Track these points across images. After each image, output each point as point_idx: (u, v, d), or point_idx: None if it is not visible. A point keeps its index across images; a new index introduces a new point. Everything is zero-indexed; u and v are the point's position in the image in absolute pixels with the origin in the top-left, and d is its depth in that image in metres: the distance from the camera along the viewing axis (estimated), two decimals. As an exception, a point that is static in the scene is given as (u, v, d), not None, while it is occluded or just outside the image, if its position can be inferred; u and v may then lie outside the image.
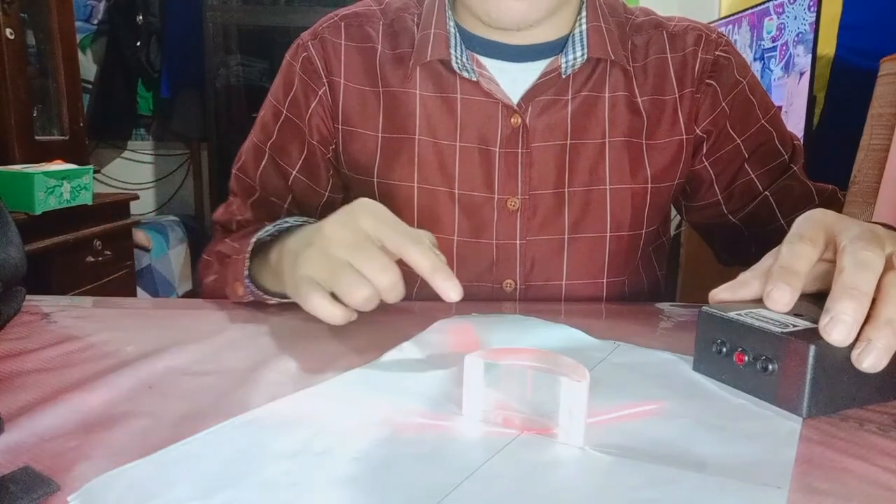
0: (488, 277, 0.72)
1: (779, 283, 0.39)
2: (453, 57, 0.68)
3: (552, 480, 0.31)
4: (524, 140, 0.69)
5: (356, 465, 0.32)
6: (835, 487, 0.31)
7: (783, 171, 0.72)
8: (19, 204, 1.63)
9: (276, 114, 0.74)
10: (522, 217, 0.70)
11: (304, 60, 0.73)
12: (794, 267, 0.40)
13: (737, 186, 0.73)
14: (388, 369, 0.44)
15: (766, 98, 0.74)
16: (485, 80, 0.68)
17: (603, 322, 0.59)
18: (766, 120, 0.72)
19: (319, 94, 0.72)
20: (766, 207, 0.72)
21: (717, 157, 0.72)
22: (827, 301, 0.37)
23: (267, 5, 2.72)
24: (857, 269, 0.37)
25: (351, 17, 0.74)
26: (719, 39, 0.72)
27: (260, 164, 0.75)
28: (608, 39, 0.69)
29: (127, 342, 0.50)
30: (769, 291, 0.39)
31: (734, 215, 0.74)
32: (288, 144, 0.74)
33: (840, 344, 0.36)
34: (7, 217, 0.59)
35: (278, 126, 0.74)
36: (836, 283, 0.38)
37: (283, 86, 0.74)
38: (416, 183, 0.70)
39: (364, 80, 0.72)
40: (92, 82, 2.79)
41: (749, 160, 0.72)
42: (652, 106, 0.70)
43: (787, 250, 0.41)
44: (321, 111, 0.72)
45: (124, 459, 0.32)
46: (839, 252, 0.40)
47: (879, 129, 1.42)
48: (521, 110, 0.68)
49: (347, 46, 0.72)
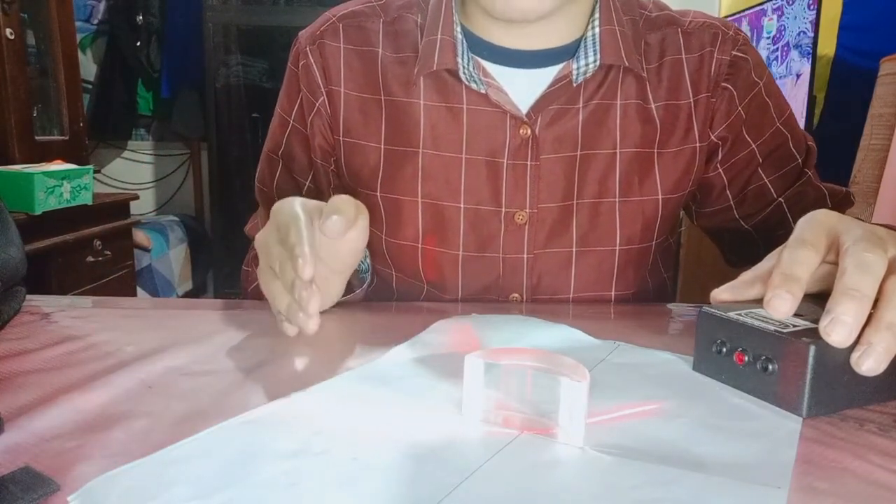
0: (494, 291, 0.70)
1: (779, 291, 0.38)
2: (460, 66, 0.65)
3: (552, 480, 0.31)
4: (533, 152, 0.66)
5: (356, 465, 0.32)
6: (835, 487, 0.31)
7: (797, 175, 0.71)
8: (19, 204, 1.63)
9: (283, 123, 0.73)
10: (530, 231, 0.67)
11: (303, 68, 0.70)
12: (795, 273, 0.39)
13: (749, 191, 0.71)
14: (388, 369, 0.44)
15: (782, 99, 0.72)
16: (493, 91, 0.65)
17: (605, 321, 0.59)
18: (781, 123, 0.70)
19: (317, 107, 0.69)
20: (779, 213, 0.71)
21: (731, 163, 0.70)
22: (828, 302, 0.37)
23: (267, 5, 2.72)
24: (859, 271, 0.37)
25: (349, 18, 0.70)
26: (736, 37, 0.69)
27: (275, 174, 0.74)
28: (622, 44, 0.65)
29: (127, 342, 0.50)
30: (769, 299, 0.38)
31: (746, 221, 0.73)
32: (297, 153, 0.72)
33: (840, 345, 0.36)
34: (7, 217, 0.59)
35: (286, 136, 0.73)
36: (837, 284, 0.37)
37: (287, 95, 0.72)
38: (421, 197, 0.68)
39: (365, 87, 0.69)
40: (92, 82, 2.79)
41: (763, 165, 0.70)
42: (666, 112, 0.67)
43: (789, 255, 0.40)
44: (320, 124, 0.70)
45: (124, 459, 0.32)
46: (841, 254, 0.39)
47: (879, 129, 1.42)
48: (530, 121, 0.65)
49: (347, 50, 0.69)
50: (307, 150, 0.72)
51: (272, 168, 0.74)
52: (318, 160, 0.72)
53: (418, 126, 0.67)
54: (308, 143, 0.71)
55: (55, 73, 2.04)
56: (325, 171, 0.72)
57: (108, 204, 2.05)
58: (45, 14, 1.99)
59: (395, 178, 0.68)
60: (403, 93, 0.68)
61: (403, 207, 0.69)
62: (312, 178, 0.73)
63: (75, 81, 2.12)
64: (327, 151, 0.72)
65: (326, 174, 0.72)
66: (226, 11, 2.69)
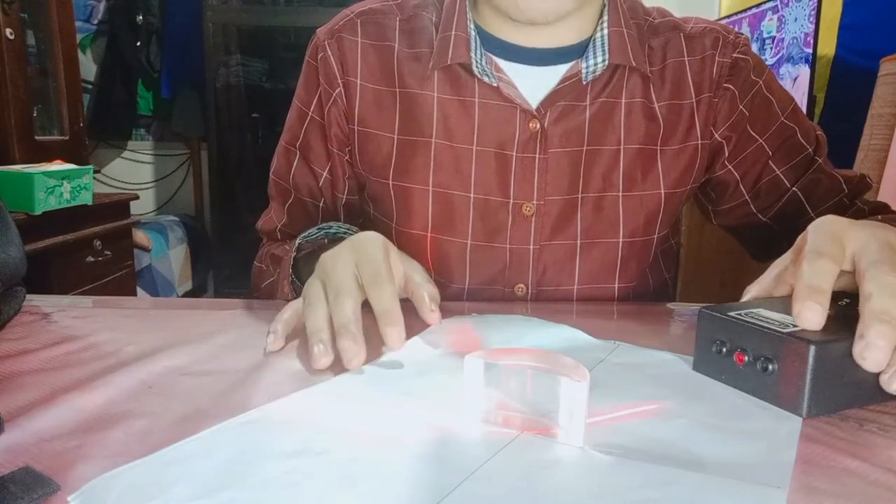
0: (500, 281, 0.71)
1: (809, 303, 0.39)
2: (473, 61, 0.67)
3: (552, 480, 0.31)
4: (542, 145, 0.68)
5: (356, 465, 0.32)
6: (835, 487, 0.31)
7: (808, 164, 0.72)
8: (19, 204, 1.63)
9: (301, 115, 0.74)
10: (537, 222, 0.69)
11: (321, 61, 0.72)
12: (819, 285, 0.39)
13: (763, 185, 0.72)
14: (388, 369, 0.44)
15: (785, 94, 0.73)
16: (504, 85, 0.67)
17: (606, 321, 0.59)
18: (786, 116, 0.72)
19: (334, 96, 0.71)
20: (795, 203, 0.72)
21: (740, 159, 0.72)
22: (858, 327, 0.37)
23: (267, 5, 2.72)
24: (885, 295, 0.38)
25: (367, 14, 0.72)
26: (737, 40, 0.71)
27: (292, 166, 0.76)
28: (629, 45, 0.68)
29: (127, 342, 0.50)
30: (799, 311, 0.39)
31: (763, 214, 0.74)
32: (315, 145, 0.74)
33: (874, 369, 0.37)
34: (7, 217, 0.59)
35: (304, 127, 0.74)
36: (864, 308, 0.38)
37: (305, 87, 0.74)
38: (432, 186, 0.70)
39: (381, 79, 0.71)
40: (92, 82, 2.79)
41: (773, 157, 0.72)
42: (669, 111, 0.70)
43: (809, 268, 0.40)
44: (337, 113, 0.72)
45: (124, 459, 0.32)
46: (861, 276, 0.40)
47: (879, 129, 1.42)
48: (539, 115, 0.67)
49: (364, 44, 0.71)
50: (325, 141, 0.74)
51: (289, 160, 0.76)
52: (335, 150, 0.73)
53: (431, 117, 0.69)
54: (325, 134, 0.73)
55: (55, 73, 2.03)
56: (341, 162, 0.74)
57: (108, 204, 2.05)
58: (45, 14, 1.99)
59: (408, 167, 0.70)
60: (417, 85, 0.70)
61: (414, 196, 0.71)
62: (330, 168, 0.74)
63: (75, 81, 2.12)
64: (343, 141, 0.73)
65: (342, 164, 0.74)
66: (226, 11, 2.69)
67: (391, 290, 0.47)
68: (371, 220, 0.78)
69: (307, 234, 0.65)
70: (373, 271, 0.47)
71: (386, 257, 0.49)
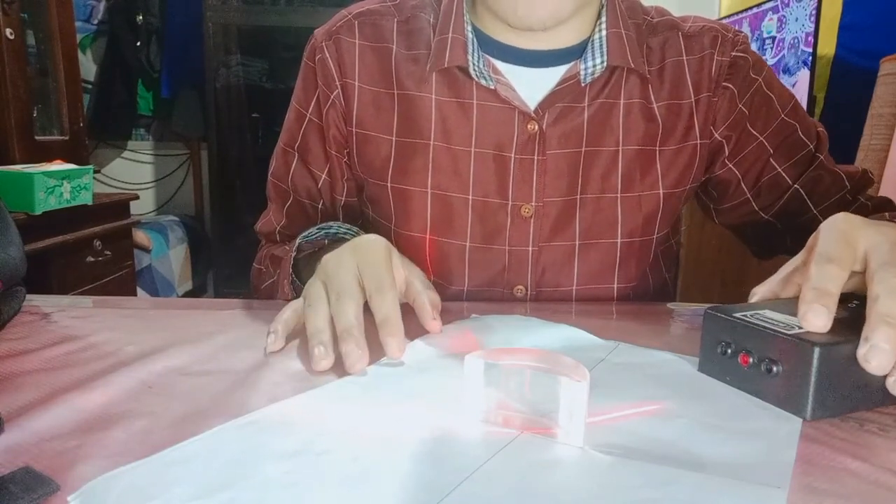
0: (499, 283, 0.71)
1: (814, 306, 0.38)
2: (471, 63, 0.67)
3: (552, 480, 0.31)
4: (540, 147, 0.68)
5: (356, 465, 0.32)
6: (835, 487, 0.31)
7: (810, 161, 0.72)
8: (19, 204, 1.63)
9: (300, 117, 0.74)
10: (535, 224, 0.69)
11: (319, 62, 0.71)
12: (826, 288, 0.39)
13: (764, 182, 0.72)
14: (388, 370, 0.44)
15: (785, 91, 0.73)
16: (502, 87, 0.67)
17: (606, 321, 0.59)
18: (786, 113, 0.72)
19: (332, 98, 0.71)
20: (797, 200, 0.71)
21: (740, 157, 0.72)
22: (864, 329, 0.37)
23: (267, 5, 2.72)
24: (892, 298, 0.37)
25: (365, 15, 0.72)
26: (735, 38, 0.71)
27: (290, 168, 0.75)
28: (628, 46, 0.67)
29: (127, 342, 0.50)
30: (804, 313, 0.39)
31: (765, 212, 0.74)
32: (314, 146, 0.74)
33: (878, 372, 0.37)
34: (7, 217, 0.59)
35: (302, 129, 0.74)
36: (871, 310, 0.38)
37: (303, 89, 0.74)
38: (430, 188, 0.70)
39: (379, 81, 0.70)
40: (92, 82, 2.79)
41: (774, 155, 0.71)
42: (668, 111, 0.69)
43: (817, 270, 0.40)
44: (335, 115, 0.72)
45: (124, 459, 0.32)
46: (870, 277, 0.39)
47: (879, 129, 1.42)
48: (538, 117, 0.67)
49: (362, 46, 0.71)
50: (323, 143, 0.73)
51: (287, 161, 0.76)
52: (333, 152, 0.73)
53: (429, 120, 0.69)
54: (324, 136, 0.73)
55: (55, 73, 2.03)
56: (339, 164, 0.74)
57: (108, 204, 2.05)
58: (45, 14, 1.99)
59: (406, 169, 0.70)
60: (415, 87, 0.70)
61: (413, 198, 0.70)
62: (328, 170, 0.74)
63: (75, 81, 2.11)
64: (341, 143, 0.73)
65: (341, 166, 0.74)
66: (226, 11, 2.69)
67: (393, 296, 0.46)
68: (370, 222, 0.78)
69: (307, 234, 0.65)
70: (375, 276, 0.47)
71: (388, 262, 0.49)
